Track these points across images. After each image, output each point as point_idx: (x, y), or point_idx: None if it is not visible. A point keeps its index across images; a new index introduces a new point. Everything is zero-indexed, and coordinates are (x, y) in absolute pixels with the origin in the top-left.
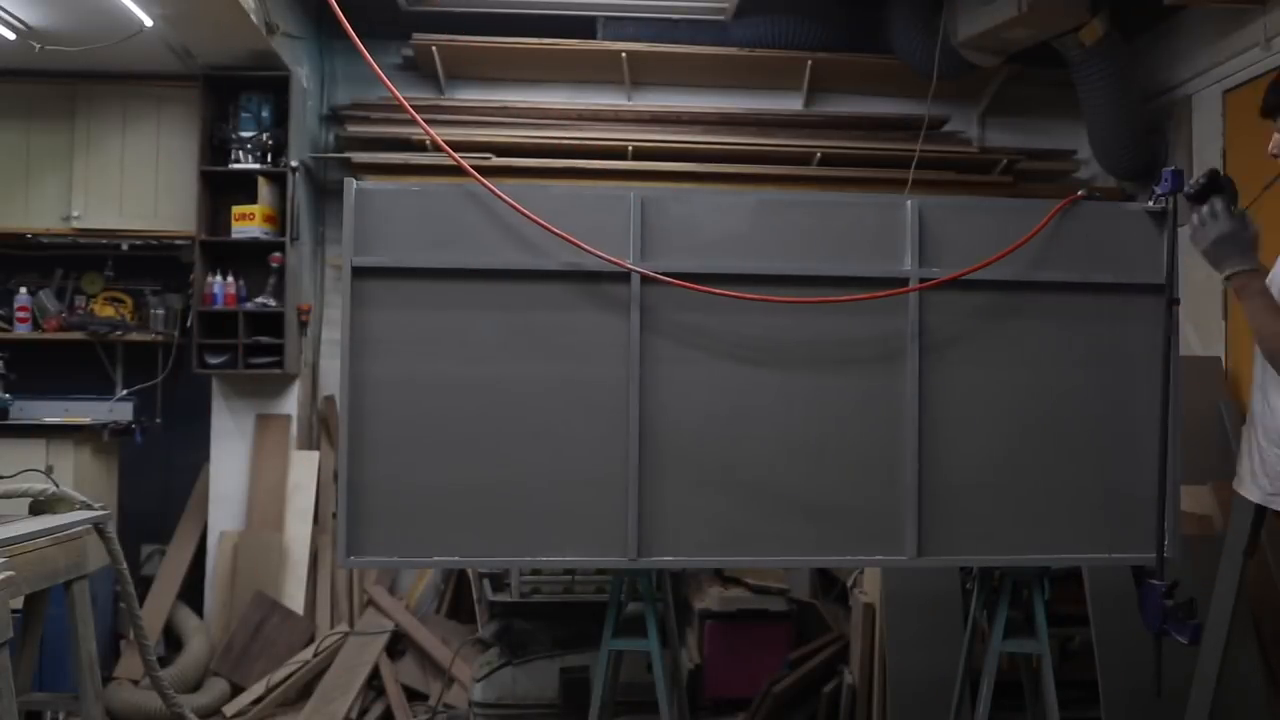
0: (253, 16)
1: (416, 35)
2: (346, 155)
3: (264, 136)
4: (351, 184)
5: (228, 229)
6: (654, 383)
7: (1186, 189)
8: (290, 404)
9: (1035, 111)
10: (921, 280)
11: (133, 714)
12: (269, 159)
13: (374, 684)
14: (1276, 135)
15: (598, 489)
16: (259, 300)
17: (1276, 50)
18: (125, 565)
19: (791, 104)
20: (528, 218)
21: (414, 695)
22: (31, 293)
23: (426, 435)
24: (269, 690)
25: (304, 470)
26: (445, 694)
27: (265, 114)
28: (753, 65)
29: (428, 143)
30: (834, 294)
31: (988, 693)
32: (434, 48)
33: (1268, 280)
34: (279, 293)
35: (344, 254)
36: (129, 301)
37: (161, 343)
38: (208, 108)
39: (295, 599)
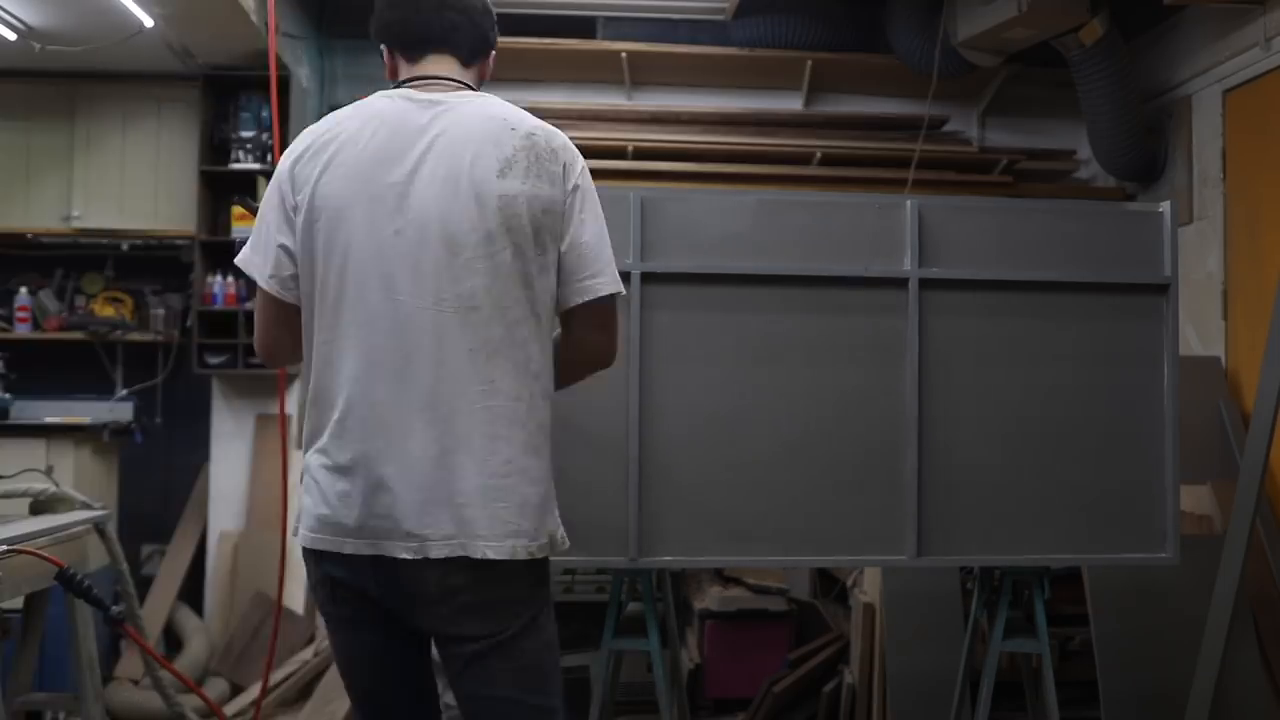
0: (253, 16)
1: None
2: None
3: (264, 136)
4: None
5: (228, 229)
6: (654, 382)
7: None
8: (290, 404)
9: (1035, 111)
10: (921, 280)
11: (133, 714)
12: (269, 159)
13: None
14: None
15: (598, 489)
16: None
17: (1276, 50)
18: (125, 565)
19: (791, 104)
20: None
21: None
22: (32, 293)
23: None
24: (269, 690)
25: None
26: (445, 694)
27: (265, 114)
28: (753, 65)
29: None
30: (834, 294)
31: (988, 693)
32: None
33: None
34: None
35: None
36: (129, 301)
37: (161, 343)
38: (208, 108)
39: (295, 599)
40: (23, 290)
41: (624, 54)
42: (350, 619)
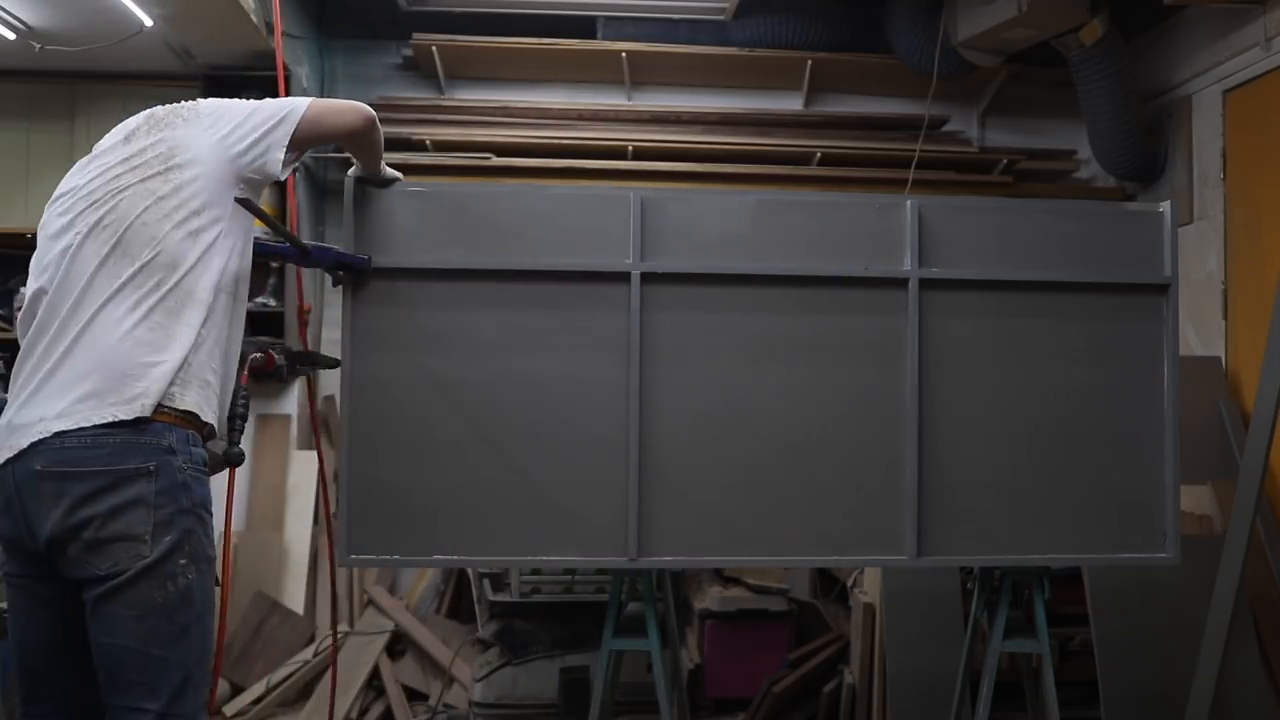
0: (253, 16)
1: (416, 35)
2: (347, 155)
3: None
4: (351, 183)
5: None
6: (654, 382)
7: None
8: (290, 404)
9: (1035, 111)
10: (921, 280)
11: None
12: None
13: (374, 684)
14: None
15: (598, 489)
16: (259, 300)
17: (1276, 50)
18: None
19: (791, 104)
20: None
21: (414, 695)
22: None
23: (427, 435)
24: (269, 690)
25: (304, 470)
26: (445, 694)
27: None
28: (753, 65)
29: (427, 142)
30: (834, 294)
31: (988, 693)
32: (434, 48)
33: None
34: (279, 293)
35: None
36: None
37: None
38: None
39: (295, 599)
40: (22, 290)
41: (624, 54)
42: None
